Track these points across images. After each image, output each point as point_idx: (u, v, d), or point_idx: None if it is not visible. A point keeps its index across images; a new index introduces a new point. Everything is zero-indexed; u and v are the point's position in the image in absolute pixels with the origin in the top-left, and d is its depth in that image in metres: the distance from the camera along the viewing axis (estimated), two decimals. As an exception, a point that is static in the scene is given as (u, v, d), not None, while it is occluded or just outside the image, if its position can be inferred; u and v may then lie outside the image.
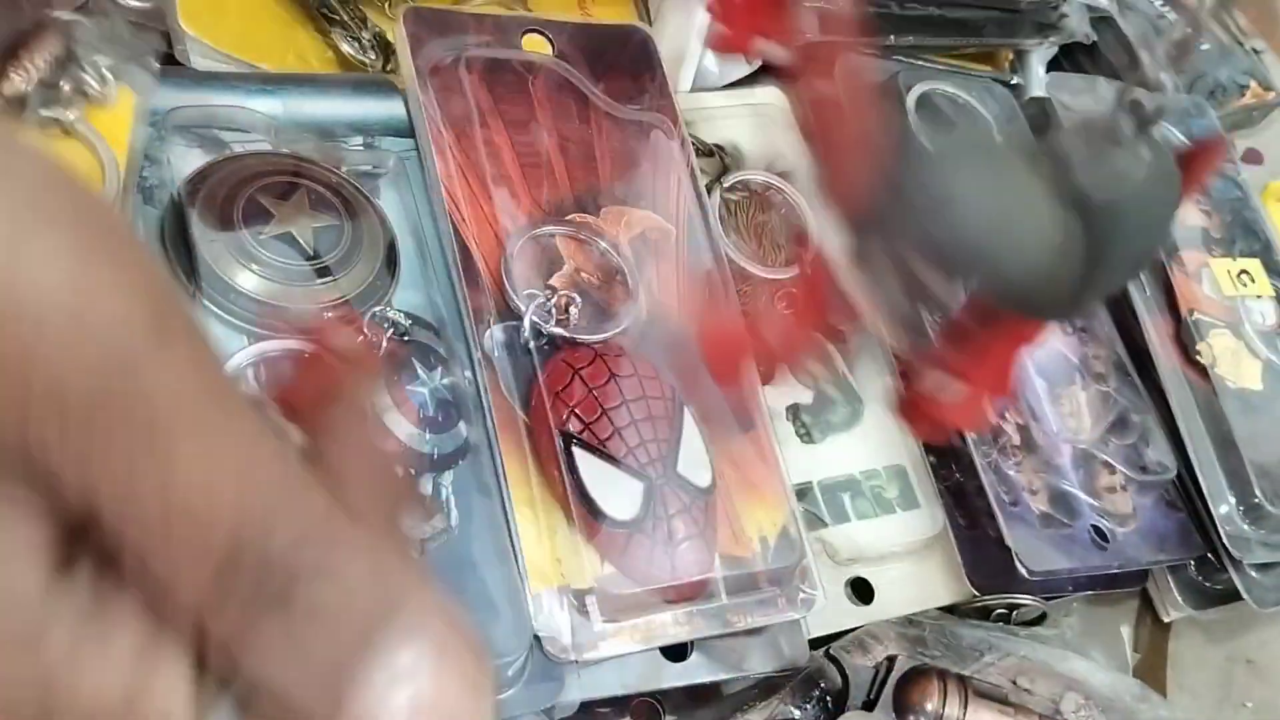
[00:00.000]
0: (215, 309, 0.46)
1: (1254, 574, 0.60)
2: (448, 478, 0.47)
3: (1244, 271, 0.67)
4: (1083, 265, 0.33)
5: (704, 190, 0.56)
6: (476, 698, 0.20)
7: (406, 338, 0.48)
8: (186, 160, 0.48)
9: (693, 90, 0.63)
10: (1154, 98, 0.32)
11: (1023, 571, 0.54)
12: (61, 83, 0.44)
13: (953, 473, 0.57)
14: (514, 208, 0.51)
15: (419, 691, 0.20)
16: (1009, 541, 0.54)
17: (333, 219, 0.49)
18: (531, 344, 0.49)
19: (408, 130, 0.53)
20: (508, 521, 0.46)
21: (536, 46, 0.56)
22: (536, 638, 0.45)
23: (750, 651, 0.49)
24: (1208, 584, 0.61)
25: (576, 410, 0.47)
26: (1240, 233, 0.70)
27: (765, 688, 0.50)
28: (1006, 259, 0.33)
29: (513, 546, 0.46)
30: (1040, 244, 0.33)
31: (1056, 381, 0.60)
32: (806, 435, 0.56)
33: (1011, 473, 0.56)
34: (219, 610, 0.19)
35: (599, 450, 0.47)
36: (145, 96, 0.47)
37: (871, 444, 0.57)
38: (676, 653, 0.48)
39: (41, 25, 0.44)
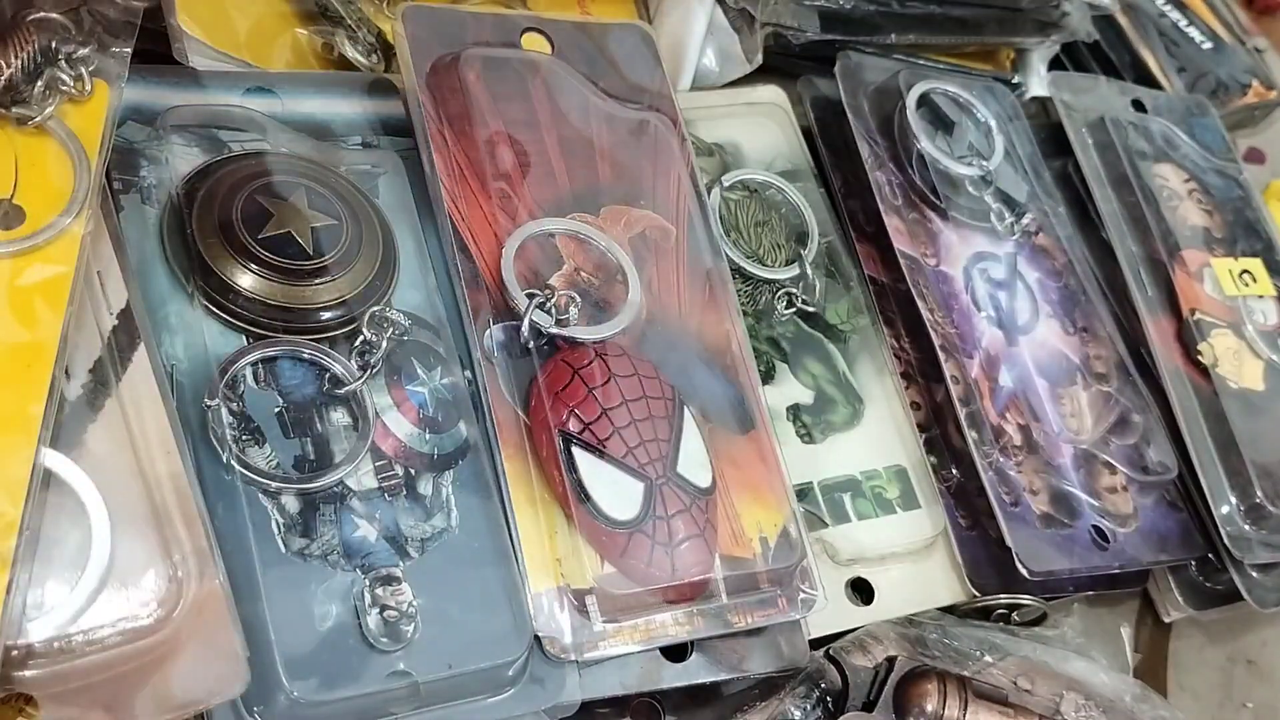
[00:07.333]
0: (215, 309, 0.46)
1: (1255, 574, 0.60)
2: (448, 478, 0.47)
3: (1245, 271, 0.67)
4: None
5: (704, 190, 0.56)
6: None
7: (406, 338, 0.48)
8: (185, 160, 0.48)
9: (692, 89, 0.63)
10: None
11: (1023, 572, 0.53)
12: (38, 80, 0.44)
13: (953, 473, 0.57)
14: (514, 207, 0.51)
15: None
16: (1009, 542, 0.54)
17: (332, 219, 0.49)
18: (531, 344, 0.48)
19: (407, 129, 0.53)
20: (508, 521, 0.46)
21: (536, 45, 0.56)
22: (536, 638, 0.45)
23: (750, 651, 0.49)
24: (1209, 584, 0.61)
25: (576, 410, 0.47)
26: (1242, 232, 0.70)
27: (765, 688, 0.50)
28: None
29: (513, 546, 0.46)
30: None
31: (1058, 381, 0.60)
32: (807, 435, 0.56)
33: (1012, 473, 0.56)
34: None
35: (599, 450, 0.47)
36: (120, 95, 0.46)
37: (872, 444, 0.57)
38: (676, 653, 0.48)
39: (20, 22, 0.44)
